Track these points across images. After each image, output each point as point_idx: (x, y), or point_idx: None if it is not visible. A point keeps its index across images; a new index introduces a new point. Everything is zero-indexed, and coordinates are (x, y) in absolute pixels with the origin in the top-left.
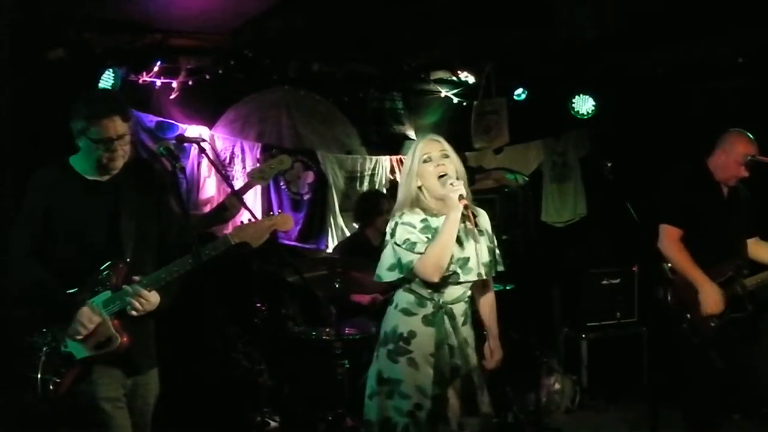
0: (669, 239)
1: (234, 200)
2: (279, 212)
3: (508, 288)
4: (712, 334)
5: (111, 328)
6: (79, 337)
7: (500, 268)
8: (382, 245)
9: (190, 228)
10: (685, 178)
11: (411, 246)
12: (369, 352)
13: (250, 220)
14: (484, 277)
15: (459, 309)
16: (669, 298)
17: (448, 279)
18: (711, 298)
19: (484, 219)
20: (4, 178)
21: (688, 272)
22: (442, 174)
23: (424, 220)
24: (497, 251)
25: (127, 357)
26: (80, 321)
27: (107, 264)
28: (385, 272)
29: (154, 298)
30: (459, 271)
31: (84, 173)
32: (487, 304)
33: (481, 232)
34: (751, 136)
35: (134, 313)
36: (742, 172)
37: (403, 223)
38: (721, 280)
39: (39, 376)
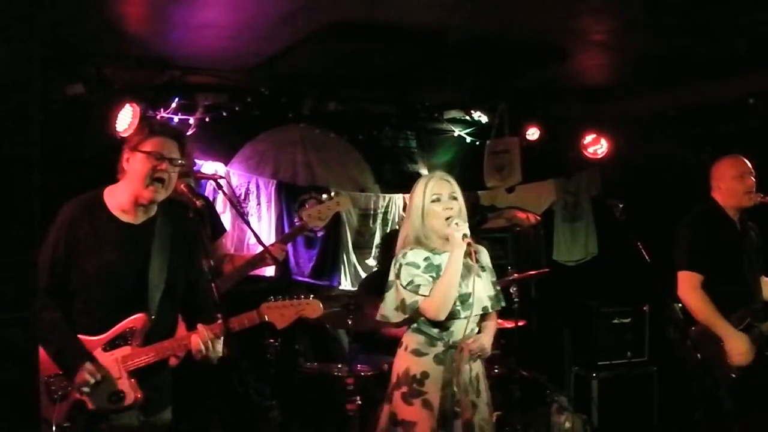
0: (689, 287)
1: (281, 250)
2: (312, 297)
3: (519, 325)
4: (731, 382)
5: (126, 383)
6: (85, 389)
7: (503, 304)
8: (387, 284)
9: (215, 285)
10: (700, 219)
11: (415, 288)
12: (381, 388)
13: (278, 299)
14: (490, 310)
15: (464, 347)
16: (683, 341)
17: (451, 315)
18: (739, 349)
19: (484, 255)
20: (32, 217)
21: (712, 323)
22: (448, 216)
23: (427, 258)
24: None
25: (144, 403)
26: (82, 375)
27: (131, 318)
28: (392, 313)
29: (219, 346)
30: (459, 307)
31: (117, 210)
32: (488, 324)
33: (483, 268)
34: (737, 156)
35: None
36: (746, 186)
37: (407, 264)
38: (740, 327)
39: (54, 423)
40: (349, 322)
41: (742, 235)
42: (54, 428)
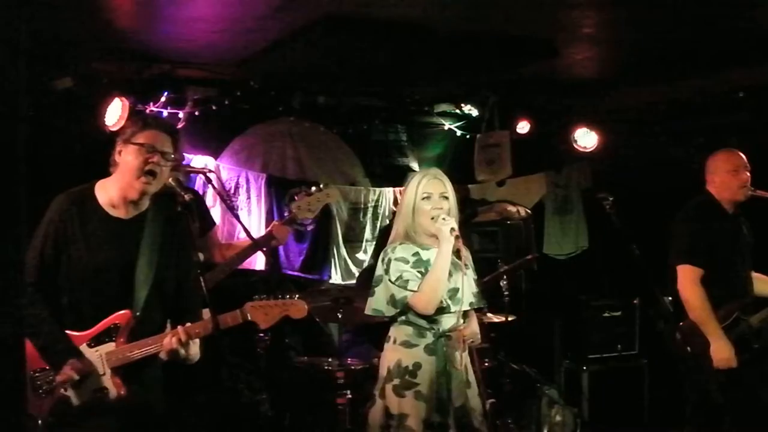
0: (689, 281)
1: (283, 229)
2: (297, 297)
3: (509, 319)
4: (721, 376)
5: (110, 380)
6: (70, 384)
7: (484, 304)
8: (374, 278)
9: (203, 283)
10: (698, 212)
11: (404, 283)
12: (371, 382)
13: (263, 298)
14: (476, 306)
15: (456, 336)
16: (674, 334)
17: (440, 310)
18: (723, 355)
19: (467, 254)
20: (19, 214)
21: (703, 321)
22: (434, 216)
23: (415, 254)
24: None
25: (132, 399)
26: (66, 372)
27: (116, 314)
28: (385, 307)
29: (194, 348)
30: (449, 302)
31: (108, 205)
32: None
33: (467, 265)
34: (732, 150)
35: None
36: (741, 180)
37: (396, 259)
38: (728, 322)
39: (39, 418)
40: (339, 316)
41: (734, 227)
42: (39, 423)
